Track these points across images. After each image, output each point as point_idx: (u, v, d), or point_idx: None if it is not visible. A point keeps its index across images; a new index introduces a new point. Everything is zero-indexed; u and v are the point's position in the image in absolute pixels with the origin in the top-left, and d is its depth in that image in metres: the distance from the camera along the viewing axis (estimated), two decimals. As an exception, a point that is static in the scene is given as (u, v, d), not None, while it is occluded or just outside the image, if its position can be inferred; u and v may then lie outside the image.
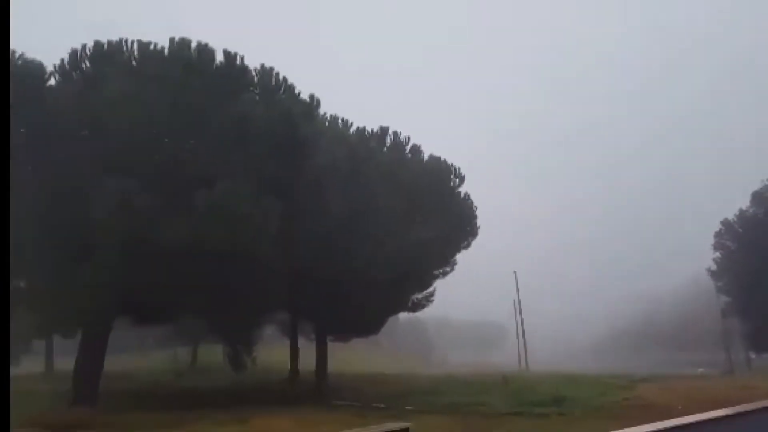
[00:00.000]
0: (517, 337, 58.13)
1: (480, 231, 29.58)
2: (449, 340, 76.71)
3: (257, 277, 20.00)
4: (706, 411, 15.40)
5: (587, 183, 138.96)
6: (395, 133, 26.79)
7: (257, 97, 20.46)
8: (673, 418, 15.01)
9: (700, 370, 47.32)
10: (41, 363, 36.67)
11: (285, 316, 29.47)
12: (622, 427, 13.36)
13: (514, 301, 59.59)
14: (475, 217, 28.52)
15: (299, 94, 21.85)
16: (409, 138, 27.00)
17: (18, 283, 22.31)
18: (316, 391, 25.23)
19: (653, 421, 14.82)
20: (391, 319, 60.29)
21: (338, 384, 27.98)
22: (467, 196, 28.13)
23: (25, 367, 34.28)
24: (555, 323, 75.81)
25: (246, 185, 18.09)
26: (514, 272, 60.30)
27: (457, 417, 17.30)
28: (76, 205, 18.00)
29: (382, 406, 20.91)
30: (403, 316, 69.88)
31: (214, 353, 32.32)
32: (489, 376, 30.29)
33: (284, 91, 21.10)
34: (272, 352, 31.94)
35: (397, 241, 23.49)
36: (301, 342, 30.18)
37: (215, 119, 18.64)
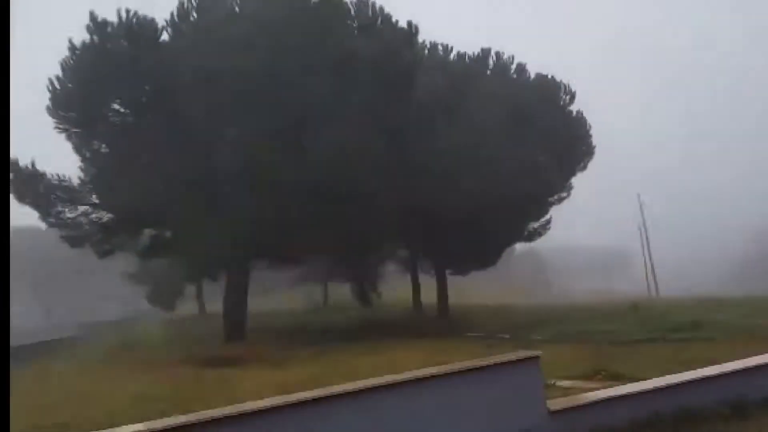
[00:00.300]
0: (644, 264, 55.46)
1: (597, 151, 27.85)
2: (570, 269, 74.43)
3: (376, 215, 20.22)
4: None
5: (713, 94, 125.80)
6: (498, 54, 25.48)
7: (356, 31, 20.05)
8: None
9: None
10: (194, 306, 40.36)
11: (404, 253, 29.89)
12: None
13: (639, 225, 56.61)
14: (590, 136, 26.67)
15: (397, 23, 21.10)
16: (513, 58, 25.59)
17: (165, 234, 24.36)
18: (440, 323, 25.64)
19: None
20: (507, 250, 59.86)
21: (460, 316, 28.21)
22: (580, 113, 26.33)
23: (180, 310, 38.05)
24: (684, 246, 71.06)
25: (355, 122, 18.05)
26: (638, 195, 57.05)
27: (588, 345, 16.76)
28: (203, 155, 18.89)
29: (507, 336, 20.77)
30: (520, 246, 68.92)
31: (343, 291, 33.84)
32: (616, 304, 29.13)
33: (382, 21, 20.48)
34: (395, 288, 32.80)
35: (508, 167, 22.59)
36: (421, 277, 30.60)
37: (319, 57, 18.53)
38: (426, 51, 25.27)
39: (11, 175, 21.47)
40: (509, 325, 24.10)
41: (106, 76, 19.84)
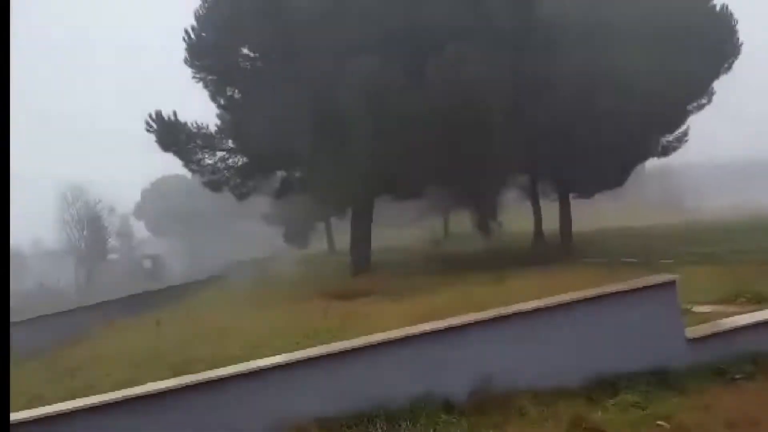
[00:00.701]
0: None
1: (744, 50, 23.96)
2: (708, 185, 68.29)
3: (495, 141, 19.57)
4: None
5: None
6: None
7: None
8: None
9: None
10: (324, 243, 42.42)
11: (525, 179, 28.92)
12: None
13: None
14: (736, 32, 23.23)
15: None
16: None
17: (294, 174, 25.46)
18: (563, 250, 24.93)
19: None
20: (637, 169, 55.90)
21: (585, 242, 27.30)
22: (725, 7, 23.05)
23: (313, 248, 40.20)
24: None
25: (476, 46, 17.38)
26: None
27: (726, 267, 15.59)
28: (327, 92, 19.13)
29: (634, 260, 19.81)
30: (653, 163, 63.93)
31: (463, 222, 33.78)
32: (759, 219, 26.64)
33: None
34: (516, 216, 32.17)
35: (643, 68, 20.17)
36: (544, 203, 29.64)
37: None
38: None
39: (155, 126, 23.16)
40: (637, 248, 23.06)
41: (235, 21, 20.44)
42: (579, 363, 6.46)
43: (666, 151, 26.71)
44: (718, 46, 22.97)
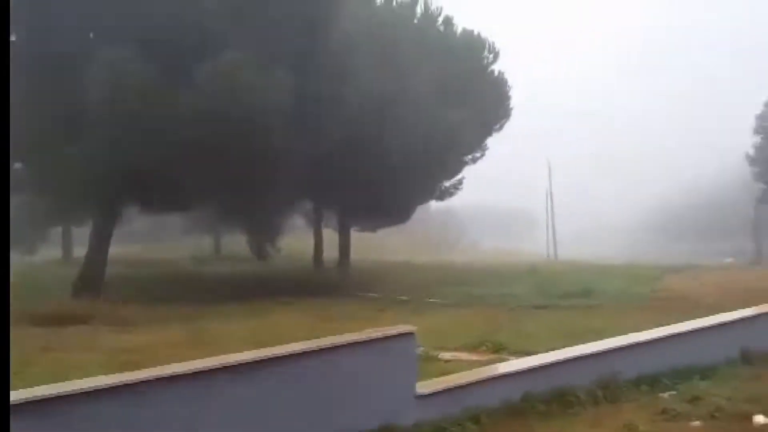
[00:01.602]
0: (547, 226, 57.41)
1: (514, 113, 27.78)
2: (481, 228, 76.17)
3: (277, 161, 18.67)
4: (734, 303, 14.30)
5: (626, 64, 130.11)
6: (425, 3, 24.46)
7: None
8: (701, 310, 14.05)
9: (729, 259, 46.28)
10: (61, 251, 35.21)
11: (310, 205, 28.76)
12: (653, 319, 12.50)
13: (546, 188, 58.34)
14: (509, 97, 26.47)
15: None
16: (441, 9, 24.69)
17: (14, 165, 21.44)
18: (339, 281, 24.93)
19: (683, 310, 13.82)
20: (424, 207, 59.85)
21: (363, 274, 27.71)
22: (501, 74, 25.96)
23: (42, 255, 33.45)
24: (585, 212, 74.49)
25: (256, 56, 16.38)
26: (547, 159, 58.55)
27: (482, 309, 16.67)
28: (69, 76, 16.49)
29: (405, 298, 20.47)
30: (437, 203, 69.34)
31: (240, 242, 32.04)
32: (517, 266, 29.75)
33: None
34: (303, 243, 31.61)
35: (426, 122, 21.77)
36: (330, 232, 29.69)
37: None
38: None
39: None
40: (411, 285, 23.88)
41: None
42: (301, 422, 5.67)
43: (444, 194, 28.76)
44: (493, 108, 25.65)
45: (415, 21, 24.31)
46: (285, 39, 17.71)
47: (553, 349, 9.88)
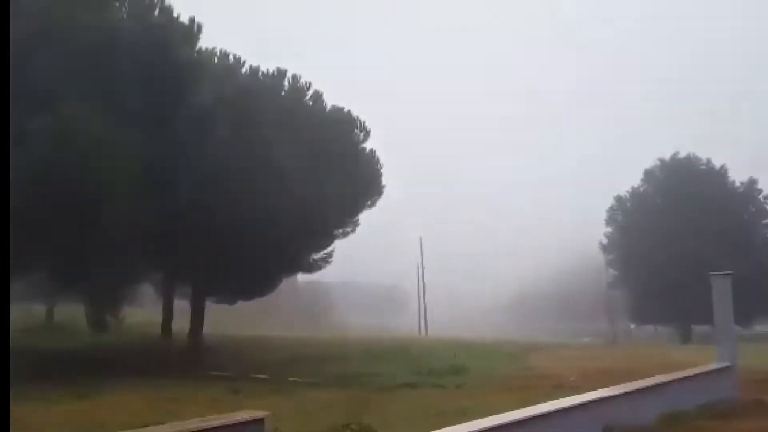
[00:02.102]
0: (418, 303, 58.25)
1: (386, 190, 27.99)
2: (351, 304, 75.69)
3: (122, 226, 16.95)
4: (593, 380, 14.74)
5: (500, 142, 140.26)
6: (294, 77, 24.22)
7: (125, 15, 17.35)
8: (564, 390, 14.33)
9: (585, 339, 49.46)
10: None
11: (160, 275, 26.53)
12: (519, 398, 12.38)
13: (418, 266, 59.55)
14: (380, 174, 26.79)
15: (178, 17, 18.85)
16: (309, 84, 24.53)
17: None
18: (189, 358, 22.77)
19: (548, 390, 13.97)
20: (291, 280, 58.15)
21: (218, 350, 25.75)
22: (373, 152, 26.30)
23: None
24: (455, 289, 76.89)
25: (100, 112, 15.04)
26: (420, 238, 60.13)
27: (345, 390, 15.77)
28: None
29: (264, 377, 19.09)
30: (306, 277, 67.95)
31: (77, 312, 28.59)
32: (387, 343, 29.34)
33: (160, 11, 18.08)
34: (149, 313, 28.95)
35: (293, 194, 21.17)
36: (184, 304, 27.49)
37: (71, 32, 15.35)
38: (215, 58, 22.98)
39: None
40: (272, 363, 22.53)
41: None
42: None
43: (312, 267, 28.00)
44: (364, 185, 25.87)
45: (282, 93, 24.04)
46: (138, 97, 16.58)
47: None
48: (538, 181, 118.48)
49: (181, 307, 27.54)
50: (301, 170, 21.64)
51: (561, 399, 8.70)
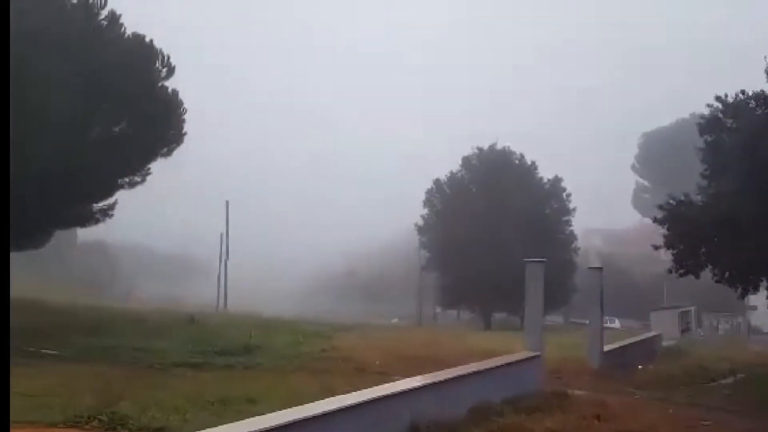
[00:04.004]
0: (218, 275, 55.36)
1: (190, 143, 25.32)
2: (142, 271, 69.85)
3: None
4: (399, 365, 14.42)
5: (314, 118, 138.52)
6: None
7: None
8: (368, 374, 13.77)
9: (394, 320, 51.17)
10: None
11: None
12: (317, 383, 11.43)
13: (221, 234, 56.54)
14: (182, 120, 23.99)
15: None
16: (105, 2, 20.99)
17: None
18: None
19: (351, 374, 13.25)
20: (69, 238, 51.70)
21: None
22: (175, 93, 23.45)
23: None
24: (260, 264, 74.71)
25: None
26: (227, 202, 57.06)
27: (109, 367, 13.62)
28: None
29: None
30: (87, 239, 61.00)
31: None
32: (177, 315, 26.89)
33: None
34: None
35: (61, 127, 17.91)
36: None
37: None
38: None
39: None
40: (26, 331, 19.08)
41: None
42: None
43: (87, 220, 24.66)
44: (159, 129, 23.05)
45: (68, 7, 20.25)
46: None
47: (192, 424, 7.99)
48: (363, 155, 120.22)
49: None
50: (75, 99, 18.40)
51: (365, 390, 7.79)
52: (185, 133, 24.31)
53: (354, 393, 7.75)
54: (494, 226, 43.24)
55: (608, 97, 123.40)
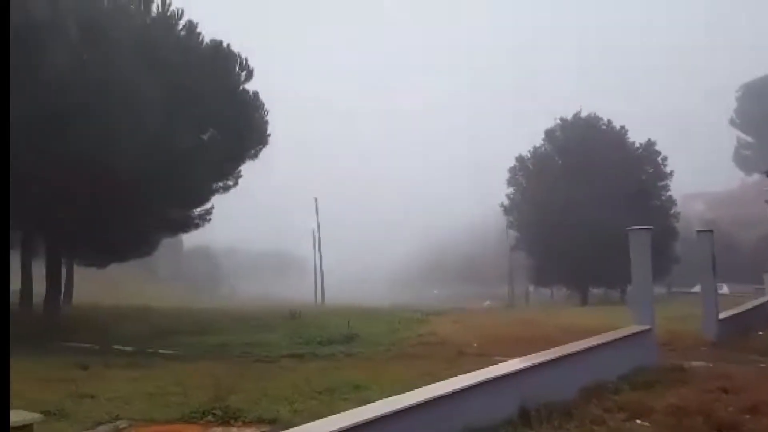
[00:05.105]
0: (314, 271, 56.65)
1: (273, 144, 25.76)
2: (242, 271, 72.83)
3: None
4: (498, 346, 13.98)
5: (393, 114, 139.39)
6: (164, 2, 21.22)
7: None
8: (468, 357, 13.44)
9: (487, 303, 50.43)
10: None
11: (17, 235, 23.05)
12: (418, 368, 11.25)
13: (313, 230, 57.76)
14: (265, 122, 24.47)
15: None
16: (182, 11, 21.64)
17: None
18: (47, 326, 20.06)
19: (450, 358, 12.98)
20: (175, 247, 54.52)
21: (84, 319, 23.02)
22: (256, 95, 23.91)
23: None
24: (352, 254, 75.98)
25: None
26: (315, 199, 58.21)
27: (219, 363, 14.05)
28: None
29: (130, 349, 17.02)
30: (192, 243, 64.17)
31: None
32: (278, 311, 27.69)
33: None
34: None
35: (156, 139, 18.60)
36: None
37: None
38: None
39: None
40: (143, 333, 20.40)
41: None
42: None
43: (186, 226, 25.66)
44: (245, 132, 23.58)
45: (148, 21, 21.00)
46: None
47: (302, 414, 8.02)
48: (435, 141, 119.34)
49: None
50: (168, 114, 19.08)
51: (469, 374, 7.48)
52: (269, 134, 24.85)
53: (456, 378, 7.47)
54: (584, 197, 41.29)
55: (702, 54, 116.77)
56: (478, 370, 7.80)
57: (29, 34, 15.18)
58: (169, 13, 21.29)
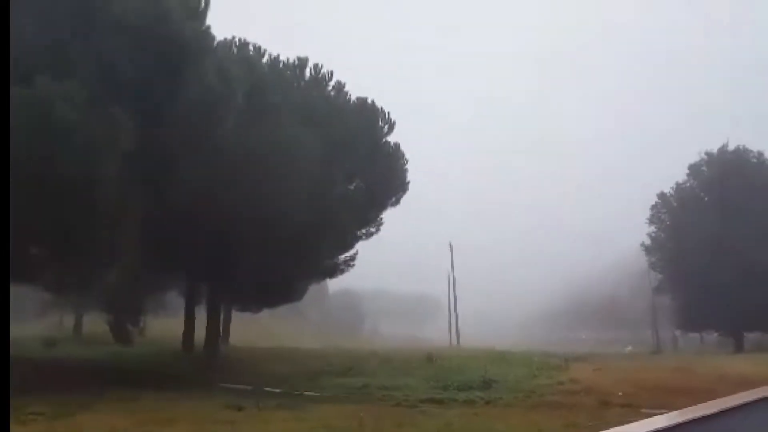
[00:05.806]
0: (449, 312, 56.18)
1: (412, 188, 26.53)
2: (382, 313, 74.16)
3: (125, 220, 15.64)
4: (645, 396, 12.78)
5: (528, 151, 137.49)
6: (316, 66, 23.00)
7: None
8: (613, 407, 12.45)
9: (628, 348, 46.83)
10: None
11: (183, 284, 25.36)
12: (561, 418, 10.64)
13: (449, 273, 57.52)
14: (405, 171, 25.33)
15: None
16: (331, 73, 23.26)
17: None
18: (206, 368, 21.56)
19: (593, 408, 12.12)
20: (321, 290, 56.98)
21: (239, 361, 24.48)
22: (397, 145, 24.84)
23: None
24: (487, 298, 74.48)
25: (84, 87, 13.66)
26: (450, 243, 58.12)
27: (363, 405, 14.20)
28: None
29: (278, 391, 17.74)
30: (337, 286, 66.92)
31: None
32: (416, 353, 27.69)
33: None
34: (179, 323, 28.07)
35: (310, 190, 19.80)
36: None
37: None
38: (234, 49, 21.99)
39: None
40: (291, 375, 21.19)
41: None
42: None
43: (333, 271, 26.68)
44: (387, 181, 24.54)
45: (302, 84, 22.81)
46: (138, 80, 15.24)
47: None
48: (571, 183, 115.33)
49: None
50: (320, 164, 20.26)
51: (618, 428, 6.90)
52: (408, 182, 25.61)
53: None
54: (735, 235, 37.56)
55: None
56: (628, 423, 7.21)
57: (204, 107, 16.86)
58: (320, 75, 22.91)
